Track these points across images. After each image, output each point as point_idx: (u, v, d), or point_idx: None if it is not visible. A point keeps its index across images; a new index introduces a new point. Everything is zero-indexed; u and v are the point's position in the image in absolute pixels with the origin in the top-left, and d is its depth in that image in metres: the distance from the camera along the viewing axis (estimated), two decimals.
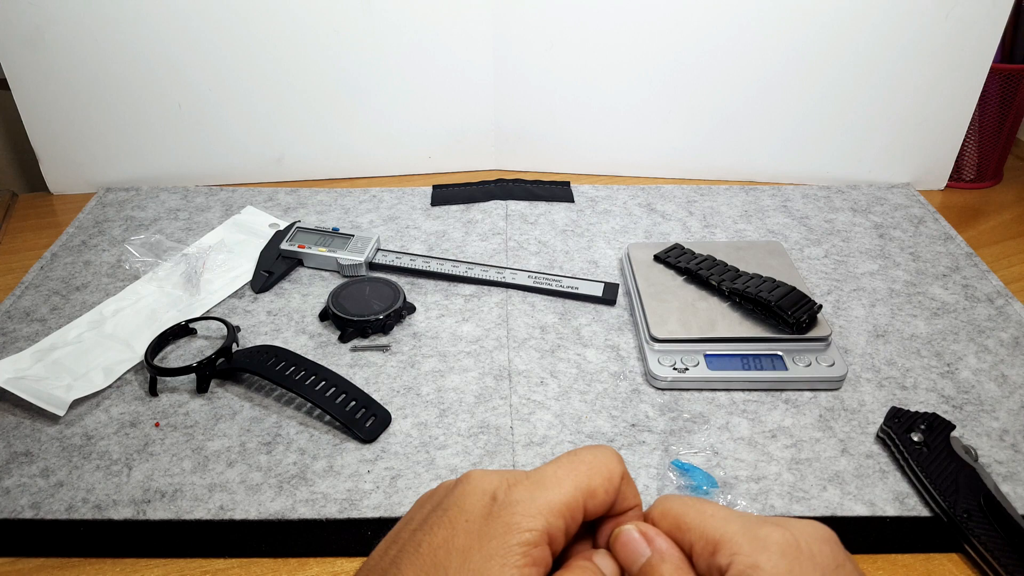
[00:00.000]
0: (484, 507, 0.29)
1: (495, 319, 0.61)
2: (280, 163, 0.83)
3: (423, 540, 0.29)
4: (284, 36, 0.75)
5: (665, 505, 0.31)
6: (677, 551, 0.32)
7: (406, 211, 0.77)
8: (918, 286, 0.66)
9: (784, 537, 0.28)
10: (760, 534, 0.28)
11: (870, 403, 0.54)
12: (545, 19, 0.76)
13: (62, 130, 0.78)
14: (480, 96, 0.81)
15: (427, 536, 0.29)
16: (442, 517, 0.30)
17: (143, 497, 0.46)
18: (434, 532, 0.29)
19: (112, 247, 0.71)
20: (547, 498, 0.29)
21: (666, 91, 0.79)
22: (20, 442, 0.50)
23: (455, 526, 0.29)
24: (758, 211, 0.77)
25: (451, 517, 0.30)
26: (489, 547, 0.28)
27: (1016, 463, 0.49)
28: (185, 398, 0.54)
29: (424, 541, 0.29)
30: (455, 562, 0.28)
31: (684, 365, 0.54)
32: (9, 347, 0.59)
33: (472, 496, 0.30)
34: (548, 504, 0.29)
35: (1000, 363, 0.57)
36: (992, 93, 0.78)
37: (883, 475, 0.48)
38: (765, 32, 0.74)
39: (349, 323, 0.59)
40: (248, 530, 0.45)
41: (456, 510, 0.30)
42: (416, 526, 0.30)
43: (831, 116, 0.79)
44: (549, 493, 0.30)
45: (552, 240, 0.72)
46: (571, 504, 0.30)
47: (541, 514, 0.29)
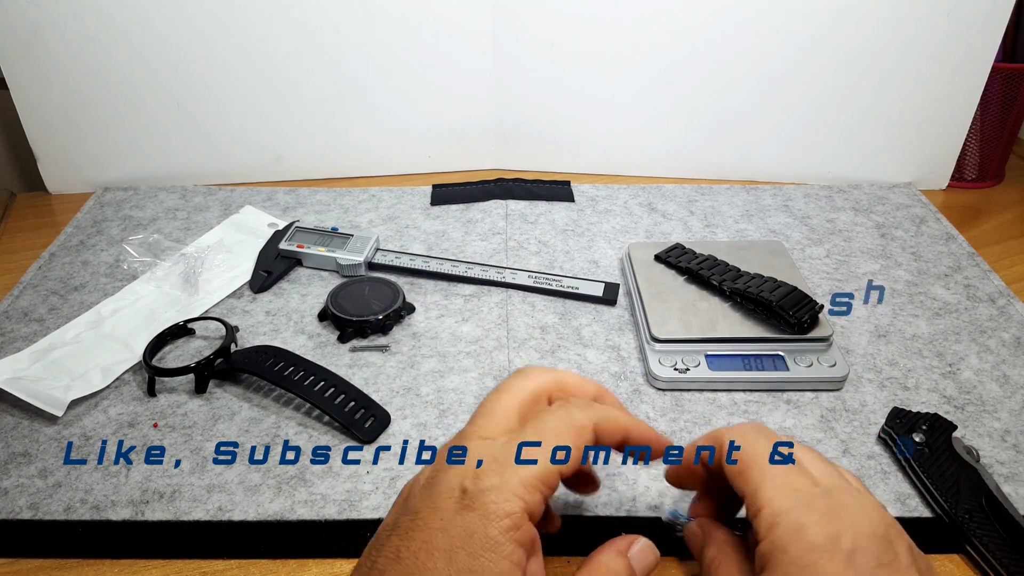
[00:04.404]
0: (455, 502, 0.29)
1: (495, 319, 0.61)
2: (279, 162, 0.83)
3: (401, 547, 0.28)
4: (283, 35, 0.75)
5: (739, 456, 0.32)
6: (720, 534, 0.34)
7: (405, 211, 0.77)
8: (920, 286, 0.66)
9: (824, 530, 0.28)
10: (801, 520, 0.28)
11: (872, 403, 0.53)
12: (545, 18, 0.76)
13: (60, 129, 0.78)
14: (480, 96, 0.81)
15: (404, 542, 0.29)
16: (414, 520, 0.29)
17: (141, 498, 0.46)
18: (411, 536, 0.29)
19: (110, 247, 0.71)
20: (519, 477, 0.29)
21: (667, 90, 0.79)
22: (18, 442, 0.50)
23: (430, 528, 0.28)
24: (759, 211, 0.77)
25: (423, 519, 0.29)
26: (472, 544, 0.27)
27: (1018, 463, 0.49)
28: (184, 398, 0.54)
29: (402, 547, 0.28)
30: (440, 564, 0.27)
31: (685, 365, 0.54)
32: (7, 347, 0.58)
33: (440, 494, 0.29)
34: (521, 483, 0.29)
35: (1002, 363, 0.57)
36: (994, 93, 0.78)
37: (884, 476, 0.48)
38: (766, 31, 0.74)
39: (348, 323, 0.59)
40: (247, 531, 0.45)
41: (427, 511, 0.29)
42: (390, 530, 0.30)
43: (832, 115, 0.79)
44: (521, 472, 0.29)
45: (552, 240, 0.72)
46: (544, 477, 0.29)
47: (516, 495, 0.28)
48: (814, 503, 0.29)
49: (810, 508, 0.29)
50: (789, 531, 0.28)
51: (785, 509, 0.29)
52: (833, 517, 0.28)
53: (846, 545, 0.28)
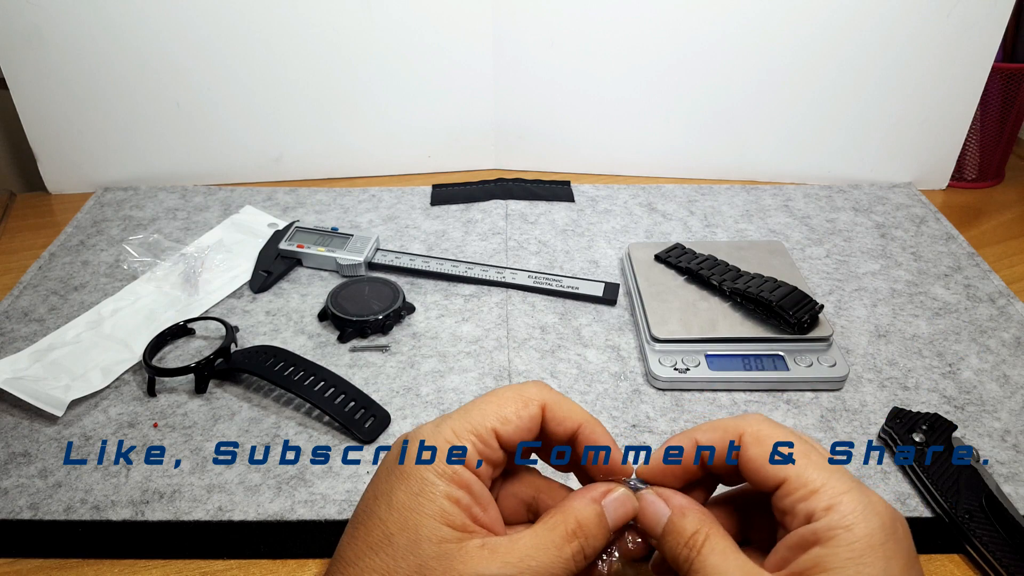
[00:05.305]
0: (395, 453, 0.32)
1: (495, 319, 0.61)
2: (279, 162, 0.83)
3: (357, 509, 0.32)
4: (283, 35, 0.75)
5: (761, 434, 0.31)
6: (698, 506, 0.32)
7: (405, 211, 0.77)
8: (920, 286, 0.66)
9: (888, 510, 0.28)
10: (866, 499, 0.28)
11: (872, 403, 0.53)
12: (545, 18, 0.76)
13: (60, 129, 0.78)
14: (480, 95, 0.81)
15: (361, 501, 0.32)
16: (373, 477, 0.32)
17: (141, 498, 0.46)
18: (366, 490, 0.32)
19: (110, 247, 0.71)
20: (451, 424, 0.31)
21: (667, 90, 0.79)
22: (18, 442, 0.50)
23: (378, 476, 0.32)
24: (759, 211, 0.77)
25: (376, 472, 0.32)
26: (410, 484, 0.30)
27: (1018, 463, 0.49)
28: (184, 398, 0.54)
29: (359, 507, 0.32)
30: (383, 507, 0.30)
31: (685, 365, 0.54)
32: (7, 347, 0.58)
33: (391, 451, 0.32)
34: (452, 430, 0.31)
35: (1002, 363, 0.57)
36: (994, 93, 0.78)
37: (884, 476, 0.48)
38: (766, 31, 0.74)
39: (348, 323, 0.59)
40: (247, 531, 0.45)
41: (380, 465, 0.32)
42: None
43: (832, 115, 0.79)
44: (451, 422, 0.31)
45: (552, 240, 0.72)
46: (477, 430, 0.31)
47: (445, 439, 0.31)
48: (863, 487, 0.29)
49: (867, 490, 0.29)
50: (855, 508, 0.28)
51: (846, 488, 0.28)
52: (883, 504, 0.29)
53: (902, 531, 0.28)
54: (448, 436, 0.31)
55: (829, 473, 0.29)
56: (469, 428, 0.31)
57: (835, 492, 0.28)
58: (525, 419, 0.32)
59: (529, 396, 0.32)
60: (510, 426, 0.31)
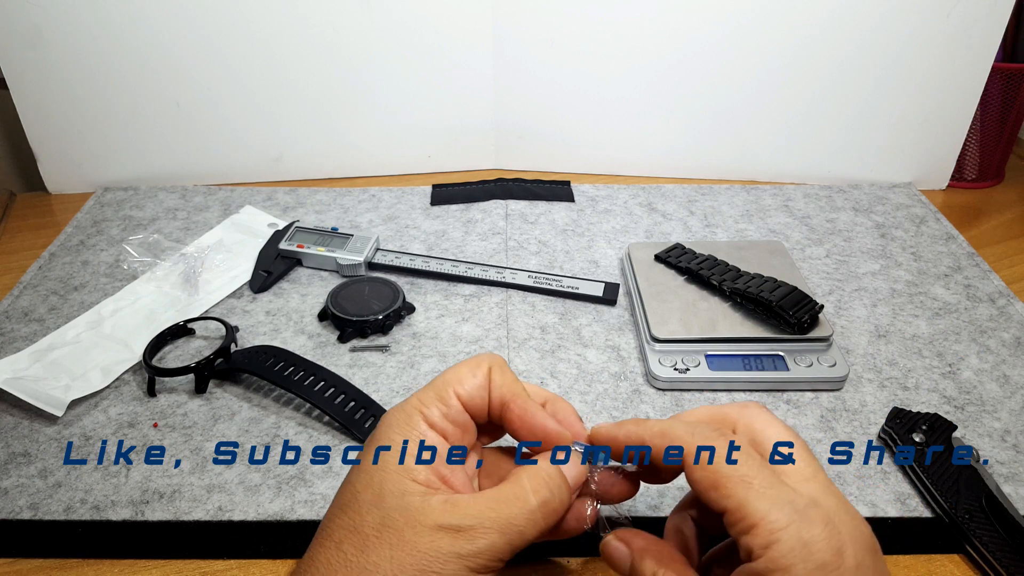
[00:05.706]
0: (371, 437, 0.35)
1: (495, 319, 0.61)
2: (279, 162, 0.83)
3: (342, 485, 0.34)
4: (283, 35, 0.75)
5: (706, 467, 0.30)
6: (657, 545, 0.34)
7: (405, 211, 0.77)
8: (920, 286, 0.66)
9: (830, 544, 0.27)
10: (805, 536, 0.27)
11: (871, 403, 0.53)
12: (545, 18, 0.76)
13: (60, 129, 0.78)
14: (480, 95, 0.81)
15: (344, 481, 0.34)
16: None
17: (141, 498, 0.46)
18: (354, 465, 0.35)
19: (110, 247, 0.71)
20: (416, 395, 0.35)
21: (667, 90, 0.79)
22: (18, 442, 0.50)
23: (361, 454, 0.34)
24: (759, 211, 0.77)
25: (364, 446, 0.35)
26: (379, 447, 0.33)
27: (1018, 463, 0.49)
28: (183, 398, 0.54)
29: (342, 484, 0.34)
30: (353, 471, 0.34)
31: (685, 365, 0.54)
32: (7, 347, 0.58)
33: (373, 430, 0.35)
34: (418, 398, 0.34)
35: (1002, 363, 0.57)
36: (994, 93, 0.78)
37: (884, 476, 0.48)
38: (766, 31, 0.74)
39: (348, 323, 0.59)
40: (247, 531, 0.45)
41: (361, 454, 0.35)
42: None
43: (832, 115, 0.79)
44: (418, 392, 0.35)
45: (552, 240, 0.72)
46: (439, 392, 0.35)
47: (411, 405, 0.34)
48: (810, 514, 0.28)
49: (810, 521, 0.27)
50: (793, 549, 0.27)
51: (784, 524, 0.27)
52: (833, 529, 0.27)
53: (851, 561, 0.27)
54: (414, 404, 0.34)
55: (771, 503, 0.28)
56: (432, 394, 0.35)
57: (774, 528, 0.27)
58: (479, 378, 0.35)
59: (480, 360, 0.36)
60: (466, 384, 0.35)
